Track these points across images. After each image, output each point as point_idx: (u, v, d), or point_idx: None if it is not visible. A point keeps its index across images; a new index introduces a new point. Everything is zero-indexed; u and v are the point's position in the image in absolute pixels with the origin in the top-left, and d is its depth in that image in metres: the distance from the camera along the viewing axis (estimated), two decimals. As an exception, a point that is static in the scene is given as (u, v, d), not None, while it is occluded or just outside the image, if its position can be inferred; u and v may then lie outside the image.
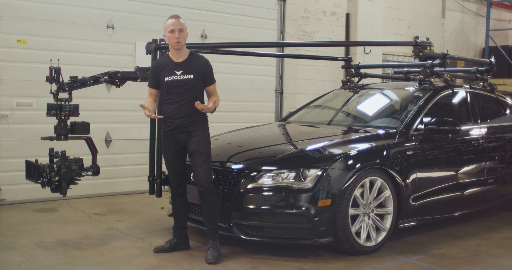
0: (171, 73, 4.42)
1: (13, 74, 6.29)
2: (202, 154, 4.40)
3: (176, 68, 4.42)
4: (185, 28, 4.44)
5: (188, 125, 4.41)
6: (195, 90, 4.43)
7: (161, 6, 7.31)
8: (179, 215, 4.63)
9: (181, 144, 4.47)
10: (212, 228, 4.41)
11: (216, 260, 4.27)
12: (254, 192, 4.42)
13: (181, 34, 4.38)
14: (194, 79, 4.41)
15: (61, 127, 4.53)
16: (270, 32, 8.52)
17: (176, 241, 4.59)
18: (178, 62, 4.44)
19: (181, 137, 4.44)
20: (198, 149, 4.39)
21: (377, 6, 9.94)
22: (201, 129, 4.45)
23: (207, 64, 4.51)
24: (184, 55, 4.47)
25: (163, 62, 4.50)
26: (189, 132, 4.42)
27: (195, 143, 4.40)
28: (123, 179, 7.10)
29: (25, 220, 5.56)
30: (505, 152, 6.02)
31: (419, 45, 5.69)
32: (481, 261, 4.57)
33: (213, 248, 4.35)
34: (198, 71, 4.44)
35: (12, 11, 6.26)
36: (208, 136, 4.51)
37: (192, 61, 4.47)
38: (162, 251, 4.53)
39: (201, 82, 4.46)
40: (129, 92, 6.69)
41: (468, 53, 12.51)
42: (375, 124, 5.48)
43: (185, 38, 4.44)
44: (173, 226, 4.65)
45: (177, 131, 4.43)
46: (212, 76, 4.53)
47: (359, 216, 4.53)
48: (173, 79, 4.41)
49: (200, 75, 4.44)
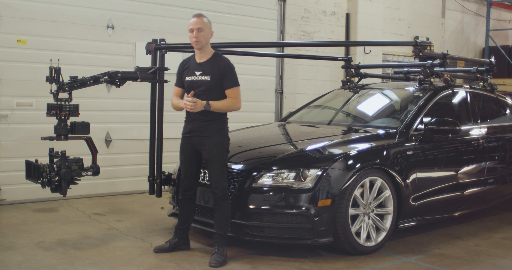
0: (191, 73, 4.38)
1: (13, 74, 6.29)
2: (215, 163, 4.33)
3: (196, 68, 4.37)
4: (207, 27, 4.34)
5: (202, 129, 4.33)
6: (212, 92, 4.32)
7: (161, 6, 7.32)
8: (184, 217, 4.58)
9: (195, 148, 4.42)
10: (220, 234, 4.36)
11: (219, 265, 4.23)
12: (254, 192, 4.42)
13: (201, 34, 4.30)
14: (211, 80, 4.31)
15: (61, 127, 4.53)
16: (270, 32, 8.52)
17: (177, 241, 4.57)
18: (200, 62, 4.38)
19: (196, 141, 4.38)
20: (210, 158, 4.34)
21: (377, 6, 9.94)
22: (215, 136, 4.35)
23: (227, 66, 4.36)
24: (206, 56, 4.39)
25: (187, 62, 4.47)
26: (203, 137, 4.34)
27: (208, 152, 4.34)
28: (123, 179, 7.10)
29: (25, 220, 5.55)
30: (505, 152, 6.02)
31: (419, 45, 5.69)
32: (481, 261, 4.57)
33: (218, 253, 4.30)
34: (217, 73, 4.31)
35: (12, 11, 6.26)
36: (222, 143, 4.39)
37: (213, 62, 4.36)
38: (162, 251, 4.51)
39: (220, 84, 4.34)
40: (129, 92, 6.70)
41: (468, 53, 12.51)
42: (375, 124, 5.49)
43: (206, 38, 4.34)
44: (176, 226, 4.62)
45: (192, 134, 4.39)
46: (231, 79, 4.35)
47: (359, 216, 4.53)
48: (192, 79, 4.36)
49: (218, 77, 4.32)
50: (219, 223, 4.36)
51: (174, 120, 7.05)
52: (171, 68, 5.28)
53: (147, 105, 5.20)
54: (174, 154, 6.07)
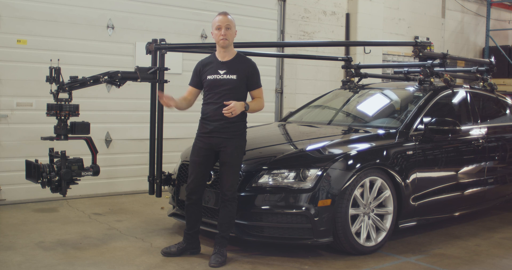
0: (214, 72, 4.30)
1: (13, 74, 6.29)
2: (232, 166, 4.27)
3: (220, 67, 4.30)
4: (234, 25, 4.31)
5: (225, 130, 4.26)
6: (237, 92, 4.27)
7: (161, 6, 7.32)
8: (192, 222, 4.46)
9: (213, 149, 4.32)
10: (222, 236, 4.32)
11: (219, 265, 4.21)
12: (254, 192, 4.42)
13: (228, 32, 4.26)
14: (237, 80, 4.26)
15: (61, 127, 4.53)
16: (270, 32, 8.52)
17: (185, 246, 4.46)
18: (223, 61, 4.33)
19: (216, 142, 4.28)
20: (229, 160, 4.26)
21: (377, 6, 9.94)
22: (237, 139, 4.29)
23: (253, 66, 4.35)
24: (230, 55, 4.35)
25: (209, 61, 4.39)
26: (224, 139, 4.26)
27: (228, 155, 4.26)
28: (123, 179, 7.10)
29: (25, 220, 5.56)
30: (505, 152, 6.02)
31: (419, 45, 5.69)
32: (481, 261, 4.57)
33: (218, 254, 4.28)
34: (243, 72, 4.28)
35: (12, 11, 6.26)
36: (243, 147, 4.36)
37: (238, 62, 4.33)
38: (170, 255, 4.41)
39: (244, 85, 4.31)
40: (129, 92, 6.70)
41: (468, 53, 12.51)
42: (375, 124, 5.49)
43: (233, 36, 4.31)
44: (184, 230, 4.51)
45: (213, 134, 4.29)
46: (257, 80, 4.36)
47: (359, 216, 4.53)
48: (216, 78, 4.29)
49: (244, 77, 4.29)
50: (223, 224, 4.32)
51: (174, 120, 7.08)
52: (171, 68, 5.29)
53: (147, 105, 5.20)
54: (174, 154, 6.11)
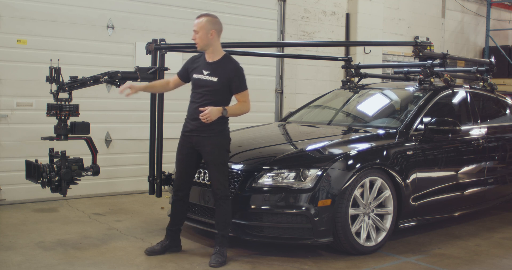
0: (199, 71, 4.35)
1: (13, 74, 6.29)
2: (216, 164, 4.30)
3: (205, 67, 4.34)
4: (202, 29, 4.28)
5: (203, 129, 4.29)
6: (217, 94, 4.28)
7: (161, 6, 7.32)
8: (176, 219, 4.56)
9: (195, 147, 4.37)
10: (221, 235, 4.34)
11: (219, 265, 4.22)
12: (254, 192, 4.42)
13: (196, 35, 4.29)
14: (218, 82, 4.27)
15: (61, 127, 4.53)
16: (270, 32, 8.52)
17: (168, 243, 4.53)
18: (209, 62, 4.36)
19: (196, 140, 4.33)
20: (211, 159, 4.31)
21: (377, 6, 9.94)
22: (216, 137, 4.31)
23: (237, 69, 4.32)
24: (216, 56, 4.36)
25: (199, 59, 4.44)
26: (203, 137, 4.30)
27: (208, 153, 4.31)
28: (123, 179, 7.10)
29: (25, 220, 5.55)
30: (505, 152, 6.02)
31: (419, 45, 5.69)
32: (481, 261, 4.57)
33: (218, 254, 4.29)
34: (224, 75, 4.28)
35: (12, 11, 6.26)
36: (223, 144, 4.36)
37: (222, 64, 4.33)
38: (154, 253, 4.47)
39: (227, 87, 4.31)
40: (129, 92, 6.69)
41: (468, 53, 12.50)
42: (375, 124, 5.48)
43: (202, 39, 4.29)
44: (167, 228, 4.58)
45: (192, 133, 4.35)
46: (240, 83, 4.31)
47: (359, 216, 4.53)
48: (199, 78, 4.34)
49: (226, 80, 4.28)
50: (220, 223, 4.35)
51: (174, 120, 7.06)
52: (171, 68, 5.29)
53: (147, 105, 5.20)
54: (174, 154, 6.07)
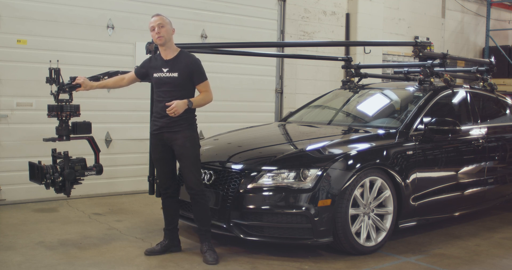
0: (158, 70, 4.40)
1: (13, 74, 6.29)
2: (189, 157, 4.34)
3: (164, 65, 4.39)
4: (167, 24, 4.36)
5: (173, 125, 4.34)
6: (181, 89, 4.35)
7: (161, 6, 7.31)
8: (169, 217, 4.58)
9: (167, 144, 4.42)
10: (205, 230, 4.39)
11: (216, 261, 4.27)
12: (254, 192, 4.42)
13: (162, 29, 4.31)
14: (179, 77, 4.34)
15: (62, 127, 4.53)
16: (270, 32, 8.52)
17: (168, 243, 4.55)
18: (166, 59, 4.41)
19: (166, 137, 4.38)
20: (183, 152, 4.34)
21: (377, 6, 9.94)
22: (186, 130, 4.36)
23: (195, 62, 4.39)
24: (172, 53, 4.42)
25: (156, 59, 4.49)
26: (174, 132, 4.35)
27: (181, 147, 4.34)
28: (123, 179, 7.10)
29: (25, 220, 5.56)
30: (505, 152, 6.02)
31: (419, 45, 5.69)
32: (481, 261, 4.57)
33: (210, 250, 4.34)
34: (184, 70, 4.35)
35: (12, 11, 6.26)
36: (194, 137, 4.41)
37: (180, 59, 4.40)
38: (153, 254, 4.48)
39: (189, 81, 4.38)
40: (129, 92, 6.67)
41: (468, 53, 12.51)
42: (375, 124, 5.48)
43: (168, 33, 4.35)
44: (164, 228, 4.61)
45: (162, 130, 4.38)
46: (200, 75, 4.40)
47: (359, 216, 4.53)
48: (160, 76, 4.39)
49: (186, 74, 4.35)
50: (200, 219, 4.39)
51: (174, 120, 7.08)
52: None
53: (147, 105, 5.20)
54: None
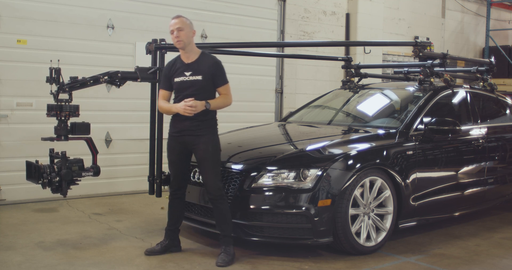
0: (180, 74, 4.36)
1: (13, 74, 6.29)
2: (210, 162, 4.31)
3: (185, 69, 4.35)
4: (187, 26, 4.34)
5: (195, 128, 4.31)
6: (204, 92, 4.32)
7: (161, 6, 7.32)
8: (174, 218, 4.57)
9: (187, 147, 4.39)
10: (224, 234, 4.35)
11: (225, 264, 4.22)
12: (254, 192, 4.41)
13: (181, 33, 4.30)
14: (203, 80, 4.31)
15: (61, 127, 4.52)
16: (270, 32, 8.52)
17: (168, 243, 4.54)
18: (188, 63, 4.37)
19: (188, 140, 4.35)
20: (205, 156, 4.31)
21: (377, 6, 9.94)
22: (209, 134, 4.34)
23: (217, 64, 4.38)
24: (194, 56, 4.39)
25: (175, 63, 4.45)
26: (196, 136, 4.32)
27: (203, 151, 4.31)
28: (123, 179, 7.10)
29: (25, 220, 5.56)
30: (505, 152, 6.02)
31: (419, 45, 5.69)
32: (481, 261, 4.57)
33: (224, 253, 4.30)
34: (207, 72, 4.33)
35: (12, 11, 6.26)
36: (216, 141, 4.40)
37: (202, 62, 4.37)
38: (153, 254, 4.47)
39: (211, 83, 4.36)
40: (129, 92, 6.70)
41: (468, 53, 12.51)
42: (375, 124, 5.48)
43: (188, 37, 4.33)
44: (166, 228, 4.60)
45: (184, 133, 4.36)
46: (222, 77, 4.38)
47: (359, 216, 4.53)
48: (182, 80, 4.34)
49: (209, 76, 4.33)
50: (221, 224, 4.34)
51: (174, 120, 7.08)
52: (171, 68, 5.29)
53: (147, 105, 5.20)
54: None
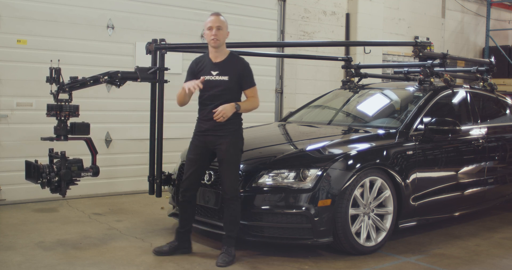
0: (207, 73, 4.33)
1: (13, 74, 6.29)
2: (230, 163, 4.28)
3: (213, 67, 4.33)
4: (225, 26, 4.34)
5: (219, 129, 4.29)
6: (230, 93, 4.30)
7: (161, 6, 7.32)
8: (185, 220, 4.48)
9: (209, 147, 4.35)
10: (229, 235, 4.32)
11: (225, 264, 4.20)
12: (254, 192, 4.42)
13: (219, 32, 4.29)
14: (229, 81, 4.29)
15: (61, 127, 4.52)
16: (270, 32, 8.52)
17: (177, 245, 4.48)
18: (216, 62, 4.35)
19: (211, 140, 4.32)
20: (226, 158, 4.28)
21: (377, 6, 9.94)
22: (232, 136, 4.31)
23: (245, 66, 4.37)
24: (222, 55, 4.37)
25: (202, 61, 4.41)
26: (219, 136, 4.29)
27: (224, 152, 4.28)
28: (123, 179, 7.10)
29: (25, 220, 5.56)
30: (505, 152, 6.02)
31: (419, 45, 5.69)
32: (481, 261, 4.57)
33: (225, 253, 4.27)
34: (235, 73, 4.31)
35: (12, 11, 6.26)
36: (238, 143, 4.36)
37: (230, 62, 4.35)
38: (161, 254, 4.44)
39: (238, 85, 4.34)
40: (129, 92, 6.70)
41: (468, 53, 12.51)
42: (375, 124, 5.49)
43: (224, 37, 4.34)
44: (177, 228, 4.54)
45: (208, 133, 4.33)
46: (250, 79, 4.38)
47: (359, 216, 4.53)
48: (209, 79, 4.31)
49: (236, 77, 4.31)
50: (229, 224, 4.31)
51: (174, 120, 7.08)
52: (171, 68, 5.29)
53: (147, 105, 5.20)
54: (174, 154, 6.10)
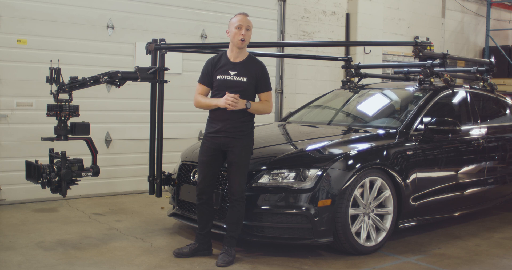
0: (224, 72, 4.30)
1: (13, 74, 6.29)
2: (240, 166, 4.26)
3: (231, 67, 4.30)
4: (251, 28, 4.31)
5: (232, 130, 4.26)
6: (245, 94, 4.26)
7: (161, 6, 7.32)
8: (203, 222, 4.44)
9: (221, 148, 4.31)
10: (230, 236, 4.31)
11: (225, 264, 4.20)
12: (254, 192, 4.42)
13: (248, 33, 4.26)
14: (247, 82, 4.27)
15: (61, 127, 4.53)
16: (270, 32, 8.52)
17: (197, 247, 4.44)
18: (235, 62, 4.32)
19: (223, 141, 4.28)
20: (236, 160, 4.26)
21: (377, 6, 9.94)
22: (244, 139, 4.30)
23: (264, 69, 4.35)
24: (242, 56, 4.34)
25: (220, 60, 4.37)
26: (233, 138, 4.26)
27: (236, 155, 4.25)
28: (123, 179, 7.10)
29: (25, 220, 5.56)
30: (505, 152, 6.02)
31: (419, 45, 5.69)
32: (481, 261, 4.57)
33: (225, 253, 4.26)
34: (253, 75, 4.29)
35: (12, 11, 6.26)
36: (250, 147, 4.36)
37: (249, 64, 4.33)
38: (182, 256, 4.38)
39: (254, 87, 4.32)
40: (129, 92, 6.70)
41: (468, 53, 12.51)
42: (375, 124, 5.49)
43: (250, 38, 4.31)
44: (196, 231, 4.51)
45: (221, 134, 4.29)
46: (267, 83, 4.35)
47: (359, 216, 4.53)
48: (226, 78, 4.28)
49: (254, 80, 4.29)
50: (232, 225, 4.30)
51: (174, 120, 7.09)
52: (171, 68, 5.29)
53: (147, 105, 5.20)
54: (174, 154, 6.11)
